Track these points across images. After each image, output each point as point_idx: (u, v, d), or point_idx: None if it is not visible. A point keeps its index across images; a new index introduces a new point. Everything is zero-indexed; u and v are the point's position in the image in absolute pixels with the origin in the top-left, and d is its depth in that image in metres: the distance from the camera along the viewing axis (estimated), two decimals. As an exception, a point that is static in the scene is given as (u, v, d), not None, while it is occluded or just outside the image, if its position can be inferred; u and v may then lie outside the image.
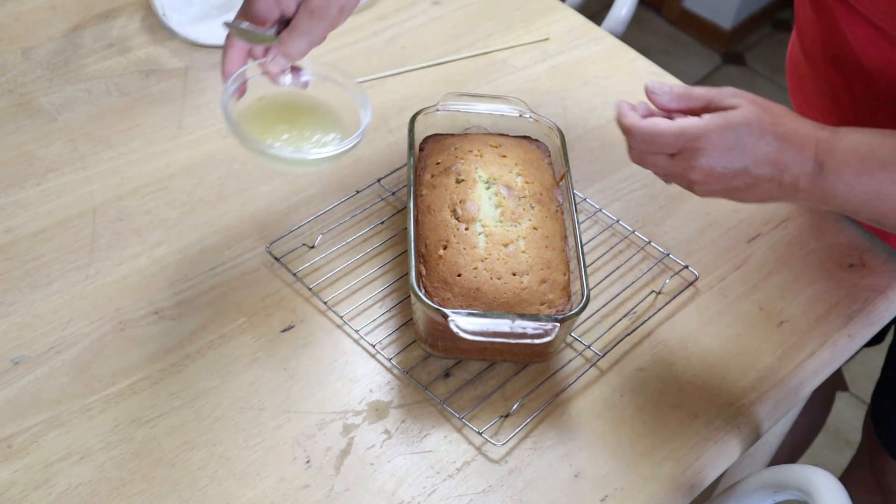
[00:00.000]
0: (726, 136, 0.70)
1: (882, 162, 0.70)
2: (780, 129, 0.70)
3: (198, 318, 0.84)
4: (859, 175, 0.70)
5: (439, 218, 0.82)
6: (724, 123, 0.70)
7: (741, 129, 0.70)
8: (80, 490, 0.72)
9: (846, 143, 0.71)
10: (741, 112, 0.70)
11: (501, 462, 0.78)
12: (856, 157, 0.70)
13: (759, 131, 0.70)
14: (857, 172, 0.70)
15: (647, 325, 0.89)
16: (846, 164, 0.70)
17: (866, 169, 0.70)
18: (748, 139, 0.70)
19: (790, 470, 0.82)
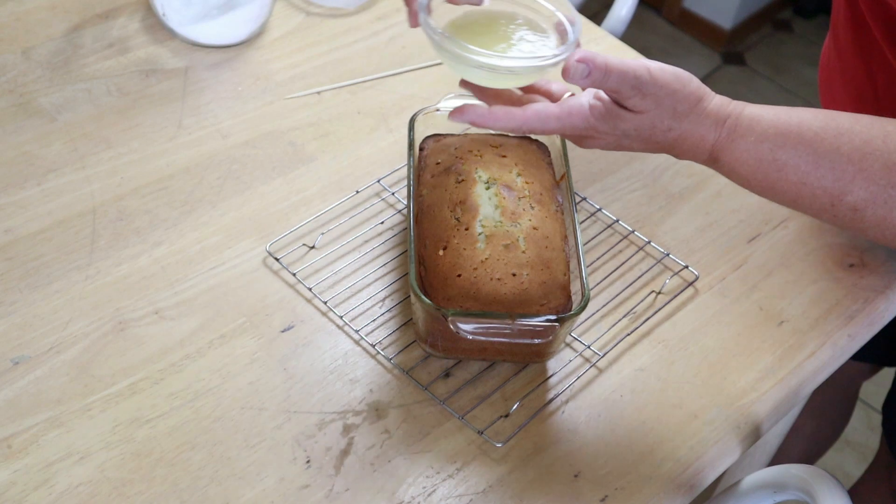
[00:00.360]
0: (618, 138, 0.71)
1: (785, 133, 0.71)
2: (673, 134, 0.71)
3: (198, 318, 0.84)
4: (758, 143, 0.71)
5: (439, 218, 0.82)
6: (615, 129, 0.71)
7: (630, 134, 0.71)
8: (80, 490, 0.72)
9: (748, 118, 0.72)
10: (638, 121, 0.70)
11: (501, 462, 0.78)
12: (758, 126, 0.71)
13: (650, 137, 0.71)
14: (757, 141, 0.71)
15: (646, 325, 0.89)
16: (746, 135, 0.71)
17: (768, 137, 0.71)
18: (636, 143, 0.72)
19: (790, 470, 0.82)
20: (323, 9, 1.18)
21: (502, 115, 0.70)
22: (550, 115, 0.70)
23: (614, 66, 0.67)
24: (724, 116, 0.71)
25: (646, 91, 0.68)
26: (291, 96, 1.06)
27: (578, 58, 0.68)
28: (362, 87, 1.09)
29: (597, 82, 0.68)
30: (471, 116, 0.70)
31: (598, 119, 0.70)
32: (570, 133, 0.72)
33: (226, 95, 1.05)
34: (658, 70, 0.68)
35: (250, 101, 1.05)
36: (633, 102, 0.69)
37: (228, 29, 1.09)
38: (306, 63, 1.10)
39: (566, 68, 0.68)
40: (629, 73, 0.67)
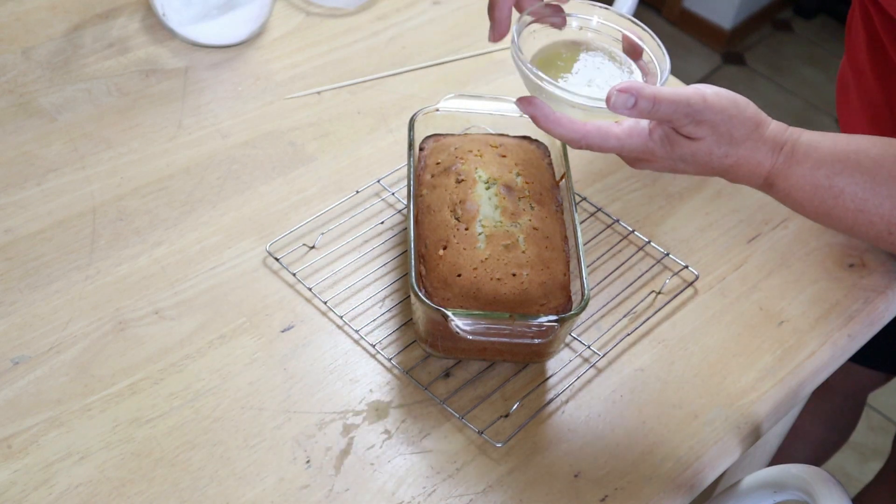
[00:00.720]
0: (674, 162, 0.71)
1: (842, 159, 0.70)
2: (729, 160, 0.70)
3: (198, 318, 0.84)
4: (814, 170, 0.70)
5: (439, 218, 0.82)
6: (672, 154, 0.70)
7: (686, 159, 0.70)
8: (80, 490, 0.72)
9: (805, 144, 0.71)
10: (694, 147, 0.69)
11: (501, 462, 0.78)
12: (816, 153, 0.70)
13: (707, 163, 0.70)
14: (813, 167, 0.70)
15: (646, 325, 0.89)
16: (803, 161, 0.70)
17: (825, 164, 0.70)
18: (692, 168, 0.71)
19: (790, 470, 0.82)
20: (323, 9, 1.18)
21: (566, 123, 0.69)
22: (611, 134, 0.69)
23: (664, 95, 0.66)
24: (781, 142, 0.71)
25: (700, 118, 0.67)
26: (291, 96, 1.06)
27: (621, 87, 0.66)
28: (362, 87, 1.09)
29: (644, 112, 0.67)
30: (535, 111, 0.69)
31: (657, 143, 0.69)
32: (628, 154, 0.71)
33: (226, 95, 1.05)
34: (713, 96, 0.67)
35: (250, 101, 1.05)
36: (688, 130, 0.68)
37: (228, 29, 1.09)
38: (306, 63, 1.10)
39: (609, 97, 0.67)
40: (681, 102, 0.66)
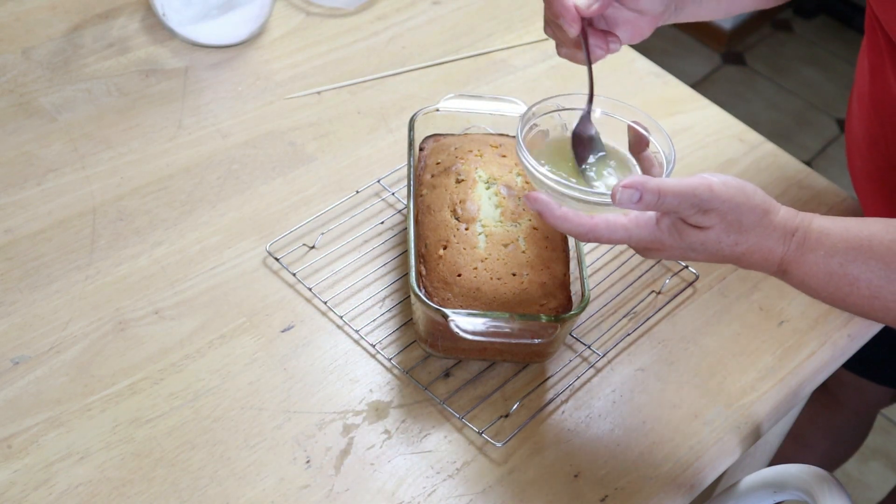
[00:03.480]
0: (683, 251, 0.70)
1: (856, 247, 0.69)
2: (739, 248, 0.70)
3: (198, 318, 0.84)
4: (828, 257, 0.70)
5: (439, 218, 0.82)
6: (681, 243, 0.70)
7: (696, 247, 0.70)
8: (80, 490, 0.72)
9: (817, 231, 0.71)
10: (703, 237, 0.69)
11: (501, 462, 0.78)
12: (828, 240, 0.70)
13: (717, 252, 0.70)
14: (826, 255, 0.70)
15: (646, 325, 0.89)
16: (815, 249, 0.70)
17: (838, 251, 0.69)
18: (702, 256, 0.71)
19: (790, 470, 0.82)
20: (323, 9, 1.18)
21: (573, 218, 0.69)
22: (618, 225, 0.69)
23: (669, 188, 0.66)
24: (791, 229, 0.70)
25: (708, 207, 0.67)
26: (291, 96, 1.06)
27: (626, 183, 0.66)
28: (362, 87, 1.09)
29: (650, 205, 0.66)
30: (541, 208, 0.69)
31: (665, 233, 0.69)
32: (636, 244, 0.71)
33: (226, 95, 1.05)
34: (720, 185, 0.67)
35: (250, 101, 1.05)
36: (696, 219, 0.68)
37: (228, 29, 1.09)
38: (306, 63, 1.10)
39: (613, 193, 0.67)
40: (687, 193, 0.66)
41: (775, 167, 1.07)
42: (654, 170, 0.78)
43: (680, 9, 0.83)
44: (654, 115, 1.11)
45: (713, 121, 1.12)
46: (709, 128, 1.11)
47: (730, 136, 1.10)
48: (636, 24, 0.80)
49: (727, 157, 1.07)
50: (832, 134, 2.60)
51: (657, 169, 0.78)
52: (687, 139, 1.09)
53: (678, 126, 1.10)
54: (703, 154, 1.07)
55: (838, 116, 2.63)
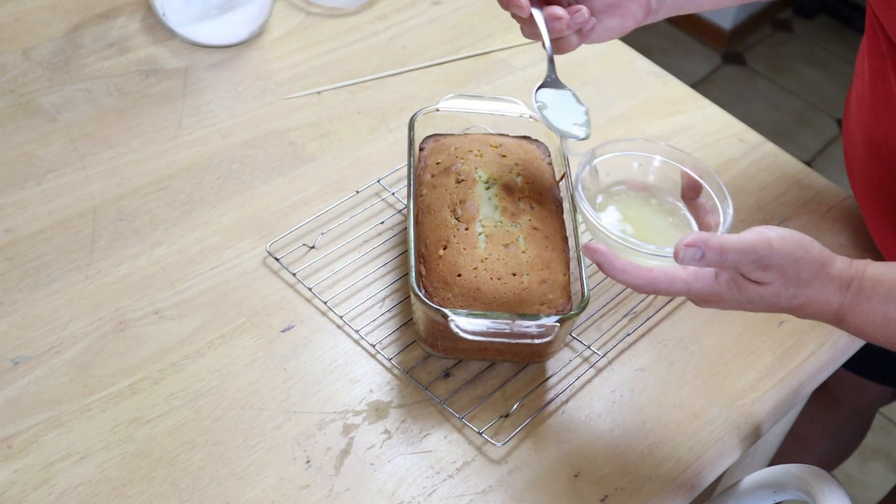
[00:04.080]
0: (741, 304, 0.71)
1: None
2: (798, 301, 0.70)
3: (198, 318, 0.84)
4: (883, 304, 0.70)
5: (439, 218, 0.82)
6: (739, 297, 0.70)
7: (755, 301, 0.70)
8: (80, 490, 0.72)
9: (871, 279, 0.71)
10: (762, 291, 0.69)
11: (501, 462, 0.78)
12: (882, 287, 0.71)
13: (774, 304, 0.71)
14: (882, 302, 0.71)
15: (646, 325, 0.89)
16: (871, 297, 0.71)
17: (893, 297, 0.70)
18: (760, 308, 0.71)
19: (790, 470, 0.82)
20: (323, 9, 1.18)
21: (632, 270, 0.69)
22: (678, 278, 0.70)
23: (730, 245, 0.66)
24: (847, 279, 0.71)
25: (767, 263, 0.67)
26: (291, 96, 1.06)
27: (688, 241, 0.66)
28: (362, 87, 1.09)
29: (713, 263, 0.67)
30: (600, 259, 0.69)
31: (724, 287, 0.70)
32: (694, 297, 0.71)
33: (226, 95, 1.05)
34: (779, 240, 0.67)
35: (250, 101, 1.05)
36: (756, 275, 0.68)
37: (228, 29, 1.09)
38: (306, 63, 1.10)
39: (676, 252, 0.67)
40: (748, 250, 0.67)
41: (775, 167, 1.07)
42: (708, 217, 0.79)
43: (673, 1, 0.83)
44: (654, 115, 1.11)
45: (713, 121, 1.12)
46: (709, 128, 1.11)
47: (730, 136, 1.10)
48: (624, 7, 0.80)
49: (727, 157, 1.07)
50: (832, 134, 2.60)
51: (711, 216, 0.79)
52: (687, 139, 1.09)
53: (678, 126, 1.10)
54: (704, 154, 1.07)
55: (838, 116, 2.63)
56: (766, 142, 1.11)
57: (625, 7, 0.80)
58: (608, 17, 0.80)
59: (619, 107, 1.12)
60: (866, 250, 0.99)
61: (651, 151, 0.84)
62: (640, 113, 1.11)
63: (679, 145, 1.07)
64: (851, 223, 1.02)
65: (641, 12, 0.81)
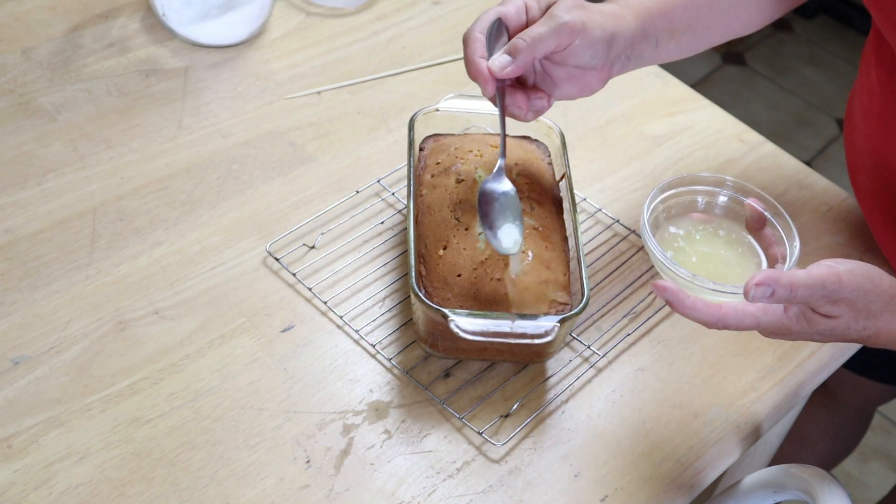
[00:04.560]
0: (811, 335, 0.71)
1: None
2: (868, 332, 0.71)
3: (198, 318, 0.84)
4: None
5: (439, 218, 0.82)
6: (809, 329, 0.71)
7: (825, 333, 0.71)
8: (80, 490, 0.72)
9: None
10: (832, 324, 0.70)
11: (501, 462, 0.78)
12: None
13: (845, 336, 0.71)
14: None
15: (646, 325, 0.89)
16: None
17: None
18: (830, 339, 0.72)
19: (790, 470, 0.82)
20: (323, 9, 1.18)
21: (702, 308, 0.70)
22: (748, 314, 0.70)
23: (800, 281, 0.66)
24: None
25: (837, 297, 0.67)
26: (291, 96, 1.06)
27: (758, 280, 0.66)
28: (362, 87, 1.09)
29: (783, 299, 0.67)
30: (670, 297, 0.70)
31: (793, 321, 0.70)
32: (764, 330, 0.71)
33: (226, 95, 1.05)
34: (848, 274, 0.67)
35: (250, 101, 1.05)
36: (826, 309, 0.68)
37: (228, 29, 1.09)
38: (306, 63, 1.10)
39: (746, 290, 0.67)
40: (817, 286, 0.67)
41: (775, 167, 1.07)
42: (774, 248, 0.80)
43: (636, 56, 0.83)
44: (654, 115, 1.11)
45: (713, 121, 1.12)
46: (709, 128, 1.11)
47: (730, 136, 1.10)
48: (582, 80, 0.81)
49: (727, 157, 1.07)
50: (832, 134, 2.60)
51: (776, 248, 0.79)
52: (687, 139, 1.09)
53: (678, 126, 1.10)
54: (704, 154, 1.07)
55: (838, 116, 2.63)
56: (766, 142, 1.11)
57: (584, 80, 0.81)
58: (567, 84, 0.81)
59: (619, 107, 1.12)
60: (866, 251, 0.99)
61: (718, 186, 0.84)
62: (640, 113, 1.11)
63: (679, 145, 1.08)
64: (851, 223, 1.02)
65: (599, 83, 0.82)
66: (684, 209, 0.83)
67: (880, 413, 1.98)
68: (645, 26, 0.82)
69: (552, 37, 0.76)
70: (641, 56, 0.84)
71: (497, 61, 0.76)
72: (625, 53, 0.82)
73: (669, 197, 0.83)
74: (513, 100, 0.79)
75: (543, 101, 0.80)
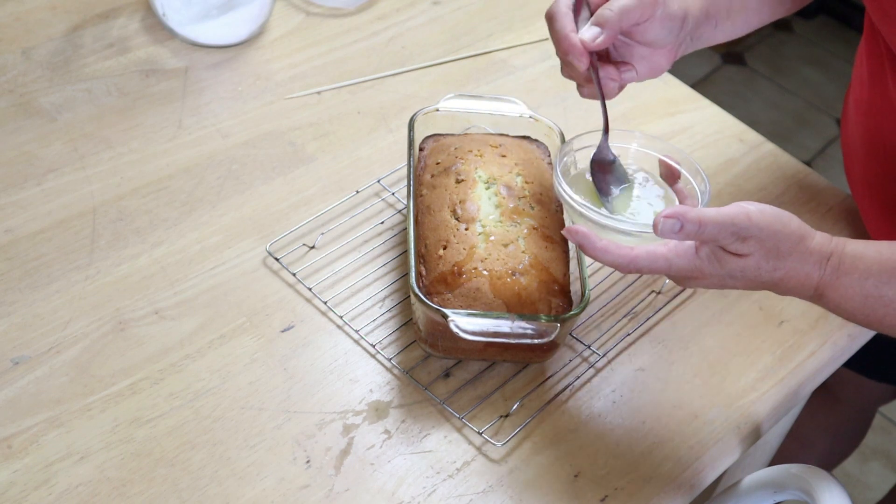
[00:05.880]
0: (722, 279, 0.71)
1: (889, 269, 0.71)
2: (778, 273, 0.71)
3: (198, 318, 0.84)
4: (862, 280, 0.71)
5: (439, 218, 0.82)
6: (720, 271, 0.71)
7: (735, 275, 0.71)
8: (80, 490, 0.72)
9: (851, 255, 0.72)
10: (742, 263, 0.70)
11: (501, 462, 0.78)
12: (861, 263, 0.71)
13: (756, 278, 0.71)
14: (861, 278, 0.71)
15: (646, 325, 0.89)
16: (850, 272, 0.71)
17: (872, 274, 0.71)
18: (741, 283, 0.72)
19: (790, 470, 0.82)
20: (323, 9, 1.18)
21: (614, 249, 0.70)
22: (659, 256, 0.70)
23: (709, 217, 0.67)
24: (826, 254, 0.71)
25: (746, 234, 0.68)
26: (291, 96, 1.06)
27: (667, 213, 0.67)
28: (362, 87, 1.09)
29: (691, 235, 0.68)
30: (581, 240, 0.71)
31: (705, 261, 0.70)
32: (676, 273, 0.72)
33: (226, 95, 1.05)
34: (758, 213, 0.68)
35: (250, 101, 1.05)
36: (735, 247, 0.69)
37: (228, 29, 1.09)
38: (306, 63, 1.10)
39: (655, 224, 0.68)
40: (726, 222, 0.67)
41: (775, 167, 1.07)
42: (688, 201, 0.80)
43: (697, 37, 0.84)
44: (655, 115, 1.11)
45: (713, 121, 1.12)
46: (709, 128, 1.11)
47: (730, 136, 1.10)
48: (652, 59, 0.82)
49: (727, 157, 1.07)
50: (832, 134, 2.60)
51: (690, 201, 0.80)
52: (687, 139, 1.09)
53: (678, 126, 1.10)
54: (703, 154, 1.07)
55: (838, 116, 2.63)
56: (766, 142, 1.11)
57: (653, 59, 0.82)
58: (639, 64, 0.82)
59: (619, 107, 1.11)
60: (866, 250, 0.98)
61: (627, 141, 0.84)
62: (640, 113, 1.11)
63: (679, 145, 1.08)
64: (851, 223, 1.02)
65: (667, 63, 0.83)
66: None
67: (880, 413, 1.98)
68: (708, 7, 0.83)
69: (637, 7, 0.76)
70: (702, 37, 0.85)
71: (588, 33, 0.76)
72: (691, 34, 0.82)
73: (582, 151, 0.83)
74: (605, 73, 0.79)
75: (632, 72, 0.80)
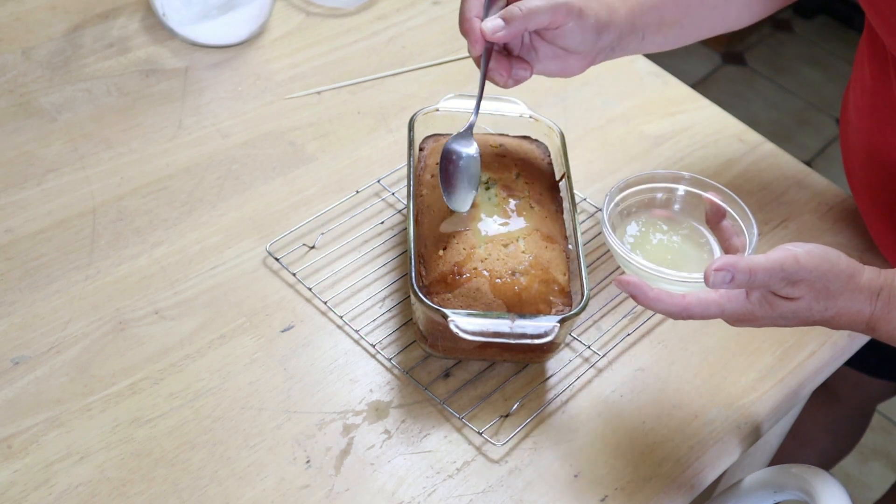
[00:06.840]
0: (775, 320, 0.72)
1: None
2: (829, 313, 0.71)
3: (198, 318, 0.84)
4: None
5: (439, 218, 0.82)
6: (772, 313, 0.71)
7: (787, 316, 0.71)
8: (80, 490, 0.72)
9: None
10: (794, 306, 0.70)
11: (501, 462, 0.78)
12: None
13: (808, 318, 0.72)
14: None
15: (646, 325, 0.89)
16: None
17: None
18: (794, 323, 0.72)
19: (790, 470, 0.82)
20: (323, 9, 1.18)
21: (666, 299, 0.71)
22: (711, 302, 0.71)
23: (759, 265, 0.68)
24: (876, 289, 0.72)
25: (796, 279, 0.68)
26: (291, 96, 1.06)
27: (717, 266, 0.68)
28: (362, 87, 1.09)
29: (742, 285, 0.68)
30: (634, 291, 0.71)
31: (756, 305, 0.71)
32: (729, 318, 0.72)
33: (226, 95, 1.05)
34: (805, 255, 0.68)
35: (250, 101, 1.05)
36: (786, 291, 0.69)
37: (228, 29, 1.09)
38: (306, 63, 1.10)
39: (706, 276, 0.68)
40: (775, 269, 0.68)
41: (775, 167, 1.07)
42: (734, 239, 0.81)
43: (621, 48, 0.85)
44: (654, 115, 1.11)
45: (713, 121, 1.12)
46: (709, 128, 1.11)
47: (730, 136, 1.10)
48: (565, 61, 0.82)
49: (727, 157, 1.07)
50: (832, 134, 2.60)
51: (737, 238, 0.81)
52: (687, 139, 1.09)
53: (678, 126, 1.10)
54: (703, 154, 1.07)
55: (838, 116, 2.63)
56: (766, 142, 1.11)
57: (566, 62, 0.82)
58: (550, 62, 0.82)
59: (619, 107, 1.12)
60: (866, 250, 0.99)
61: (675, 182, 0.86)
62: (640, 113, 1.11)
63: (679, 145, 1.08)
64: (851, 223, 1.02)
65: (580, 68, 0.84)
66: (644, 206, 0.86)
67: (880, 413, 1.98)
68: (635, 20, 0.83)
69: (548, 13, 0.77)
70: (626, 48, 0.85)
71: (490, 24, 0.77)
72: (612, 45, 0.83)
73: (629, 195, 0.85)
74: (497, 65, 0.80)
75: (526, 72, 0.81)
